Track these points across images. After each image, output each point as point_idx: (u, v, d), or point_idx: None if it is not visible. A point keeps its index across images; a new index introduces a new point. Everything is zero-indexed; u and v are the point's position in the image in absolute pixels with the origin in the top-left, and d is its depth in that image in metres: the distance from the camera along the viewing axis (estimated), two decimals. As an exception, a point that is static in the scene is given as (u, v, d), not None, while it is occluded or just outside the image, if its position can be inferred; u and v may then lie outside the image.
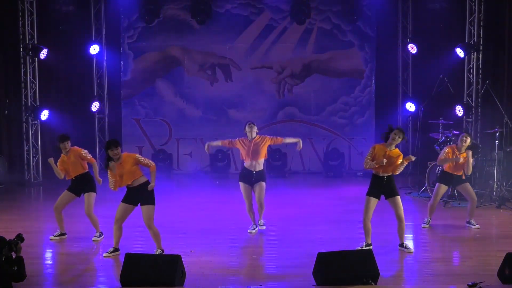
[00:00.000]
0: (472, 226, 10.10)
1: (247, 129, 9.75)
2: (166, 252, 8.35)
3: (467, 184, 10.10)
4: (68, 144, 9.46)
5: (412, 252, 8.82)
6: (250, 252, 9.05)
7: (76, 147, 9.56)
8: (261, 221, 10.01)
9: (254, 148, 9.67)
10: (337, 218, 10.88)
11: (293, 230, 10.03)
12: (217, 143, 10.09)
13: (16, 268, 6.51)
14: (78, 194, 9.54)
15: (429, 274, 8.00)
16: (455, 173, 10.00)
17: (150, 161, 8.56)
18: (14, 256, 6.60)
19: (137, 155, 8.49)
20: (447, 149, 10.01)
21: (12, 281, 6.53)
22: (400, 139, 8.57)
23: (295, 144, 9.93)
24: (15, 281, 6.55)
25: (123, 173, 8.34)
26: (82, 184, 9.48)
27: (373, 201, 8.71)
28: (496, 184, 12.00)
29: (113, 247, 8.71)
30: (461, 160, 9.86)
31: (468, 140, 9.93)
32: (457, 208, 11.52)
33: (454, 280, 7.73)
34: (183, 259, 7.36)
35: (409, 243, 9.07)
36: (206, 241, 9.35)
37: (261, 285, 7.35)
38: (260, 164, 9.78)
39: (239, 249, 9.13)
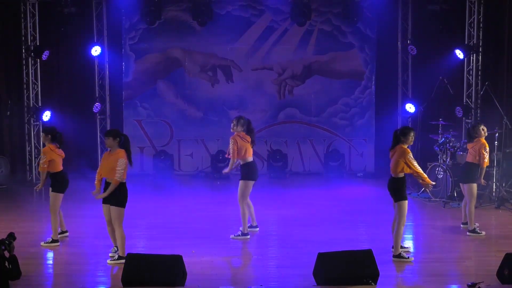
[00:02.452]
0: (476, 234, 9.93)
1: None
2: (167, 252, 8.37)
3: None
4: (43, 137, 9.43)
5: (410, 251, 8.86)
6: (251, 252, 9.10)
7: (48, 146, 9.38)
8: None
9: None
10: (337, 218, 10.91)
11: (293, 231, 10.06)
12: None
13: (10, 266, 6.56)
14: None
15: (429, 274, 8.04)
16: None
17: (119, 175, 8.12)
18: (7, 256, 6.65)
19: (121, 160, 8.16)
20: (487, 148, 9.78)
21: (8, 279, 6.59)
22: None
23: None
24: (11, 279, 6.61)
25: (105, 164, 8.36)
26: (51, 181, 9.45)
27: None
28: (496, 185, 12.04)
29: (119, 255, 8.42)
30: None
31: (485, 128, 10.00)
32: (457, 209, 11.54)
33: (453, 280, 7.79)
34: (184, 259, 7.41)
35: (409, 243, 9.12)
36: (207, 242, 9.39)
37: (261, 285, 7.38)
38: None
39: (239, 250, 9.18)
